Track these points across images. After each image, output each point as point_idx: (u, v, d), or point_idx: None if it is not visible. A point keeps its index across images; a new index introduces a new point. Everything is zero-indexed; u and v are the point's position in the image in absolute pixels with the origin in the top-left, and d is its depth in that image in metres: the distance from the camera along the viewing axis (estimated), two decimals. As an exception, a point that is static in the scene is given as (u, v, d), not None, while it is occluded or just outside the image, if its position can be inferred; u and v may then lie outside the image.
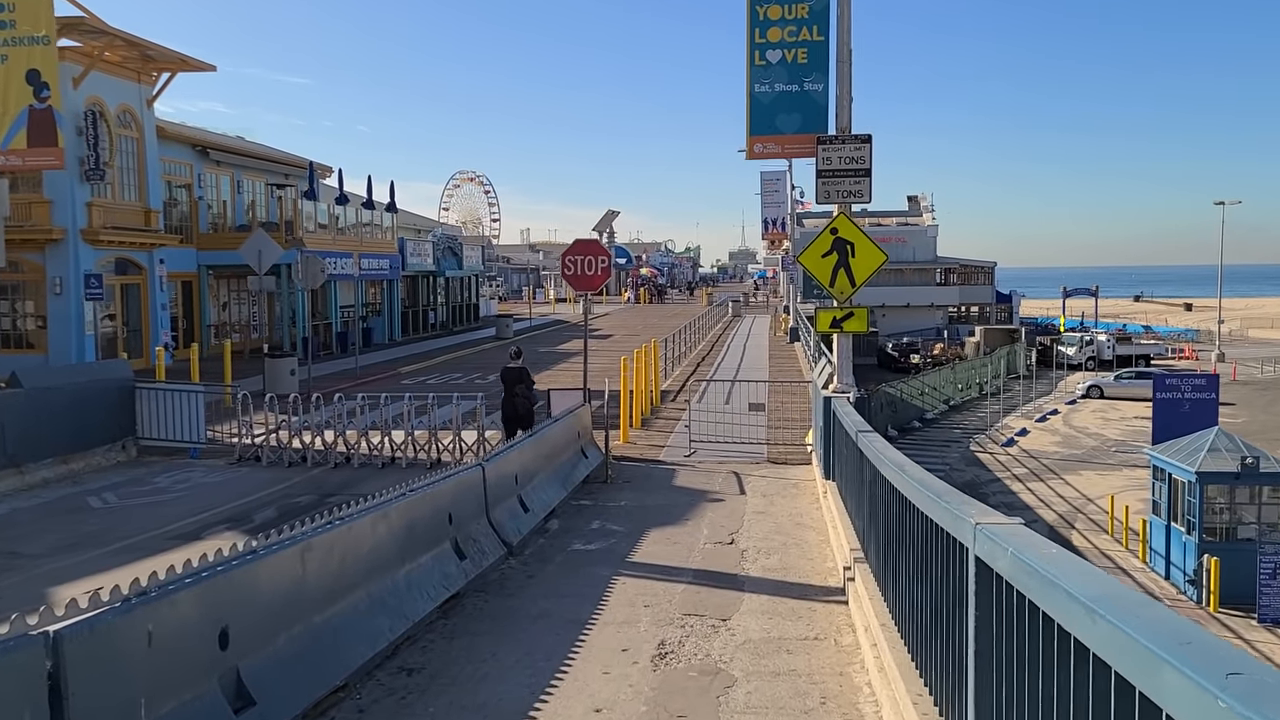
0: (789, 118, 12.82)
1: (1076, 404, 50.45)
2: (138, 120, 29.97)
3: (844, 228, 12.43)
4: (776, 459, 15.99)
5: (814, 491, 13.44)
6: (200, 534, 11.21)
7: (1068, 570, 2.85)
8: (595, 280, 15.84)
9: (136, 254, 30.15)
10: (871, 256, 12.39)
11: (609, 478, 14.46)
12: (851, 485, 9.70)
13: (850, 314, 12.58)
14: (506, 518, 10.37)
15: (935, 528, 4.66)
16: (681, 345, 33.62)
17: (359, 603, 6.75)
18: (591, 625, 7.80)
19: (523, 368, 14.82)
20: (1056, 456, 36.39)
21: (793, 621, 7.89)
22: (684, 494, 13.45)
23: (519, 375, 14.63)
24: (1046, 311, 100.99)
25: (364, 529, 6.99)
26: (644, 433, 18.56)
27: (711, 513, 12.26)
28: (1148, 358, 67.98)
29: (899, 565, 6.16)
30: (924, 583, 5.09)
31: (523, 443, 11.78)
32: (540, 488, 12.04)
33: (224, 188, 36.48)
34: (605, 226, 15.88)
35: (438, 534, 8.47)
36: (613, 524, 11.69)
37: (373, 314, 42.39)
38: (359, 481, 14.33)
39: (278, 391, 23.19)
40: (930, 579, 4.85)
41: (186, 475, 15.08)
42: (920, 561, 5.15)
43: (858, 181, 12.51)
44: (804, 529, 11.36)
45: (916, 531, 5.30)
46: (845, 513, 10.35)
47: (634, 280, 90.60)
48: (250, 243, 23.88)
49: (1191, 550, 20.03)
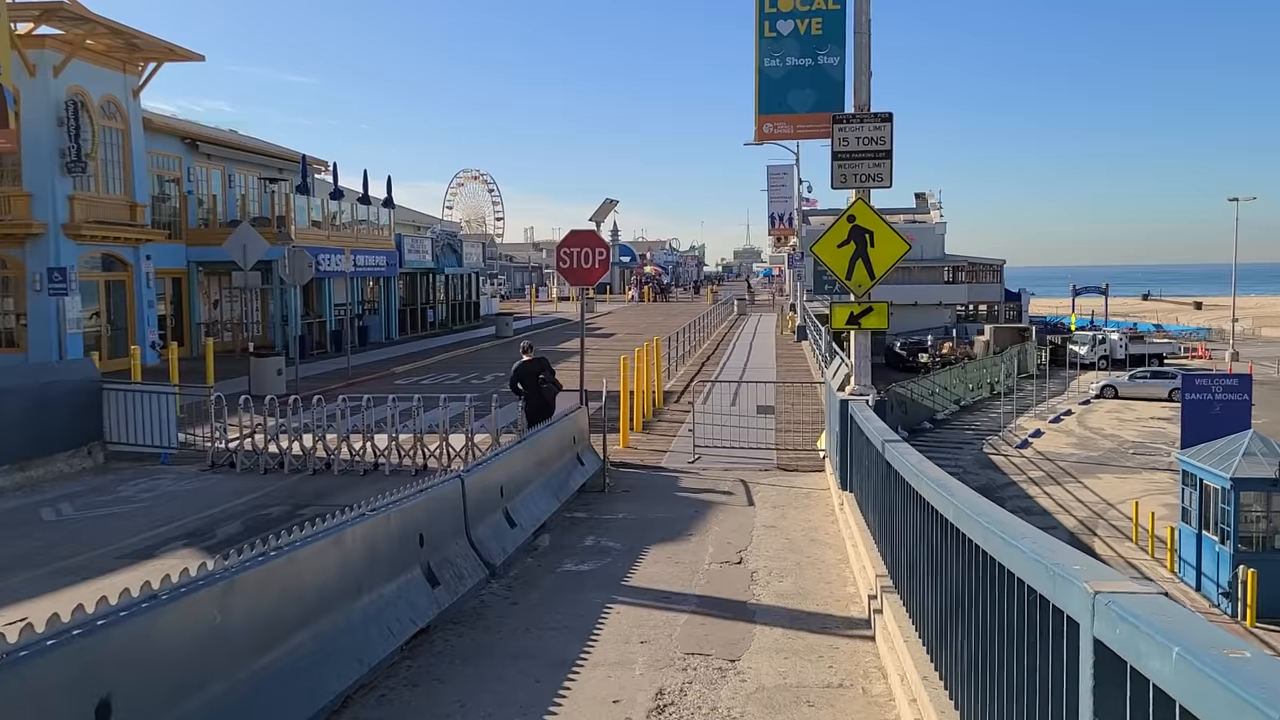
0: (802, 94, 11.74)
1: (1090, 404, 49.28)
2: (123, 111, 28.96)
3: (862, 215, 11.36)
4: (787, 466, 14.91)
5: (828, 502, 12.37)
6: (153, 552, 10.17)
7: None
8: (593, 274, 14.78)
9: (121, 249, 29.15)
10: (893, 246, 11.32)
11: (607, 486, 13.40)
12: (874, 500, 8.64)
13: (869, 309, 11.50)
14: (490, 535, 9.32)
15: (1009, 577, 3.60)
16: (685, 344, 32.56)
17: (300, 649, 5.69)
18: (579, 667, 6.74)
19: (542, 358, 14.69)
20: (1073, 459, 35.26)
21: (812, 662, 6.82)
22: (687, 505, 12.39)
23: (540, 366, 14.43)
24: (1056, 310, 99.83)
25: (309, 559, 5.94)
26: (645, 436, 17.50)
27: (717, 526, 11.20)
28: (1161, 357, 66.77)
29: (946, 608, 5.09)
30: (988, 641, 4.02)
31: (510, 450, 10.73)
32: (530, 499, 10.98)
33: (215, 182, 35.47)
34: (603, 216, 14.91)
35: (405, 559, 7.41)
36: (609, 540, 10.63)
37: (369, 312, 41.36)
38: (337, 490, 13.29)
39: (264, 392, 22.22)
40: (1001, 641, 3.78)
41: (154, 483, 14.04)
42: (983, 614, 4.08)
43: (877, 164, 11.44)
44: (820, 546, 10.29)
45: (976, 574, 4.23)
46: (866, 529, 9.29)
47: (638, 278, 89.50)
48: (235, 237, 22.89)
49: (1226, 561, 18.91)
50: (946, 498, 4.87)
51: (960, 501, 4.58)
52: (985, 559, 3.94)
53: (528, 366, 14.41)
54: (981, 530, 3.95)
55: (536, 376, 14.36)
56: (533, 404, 14.37)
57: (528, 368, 14.41)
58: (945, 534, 4.99)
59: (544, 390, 14.35)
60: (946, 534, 4.95)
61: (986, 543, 3.90)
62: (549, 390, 14.40)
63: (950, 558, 4.84)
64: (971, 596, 4.28)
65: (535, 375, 14.38)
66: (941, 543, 5.12)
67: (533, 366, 14.41)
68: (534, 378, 14.37)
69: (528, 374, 14.40)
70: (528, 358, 14.51)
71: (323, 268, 33.95)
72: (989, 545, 3.85)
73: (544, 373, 14.43)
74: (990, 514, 4.00)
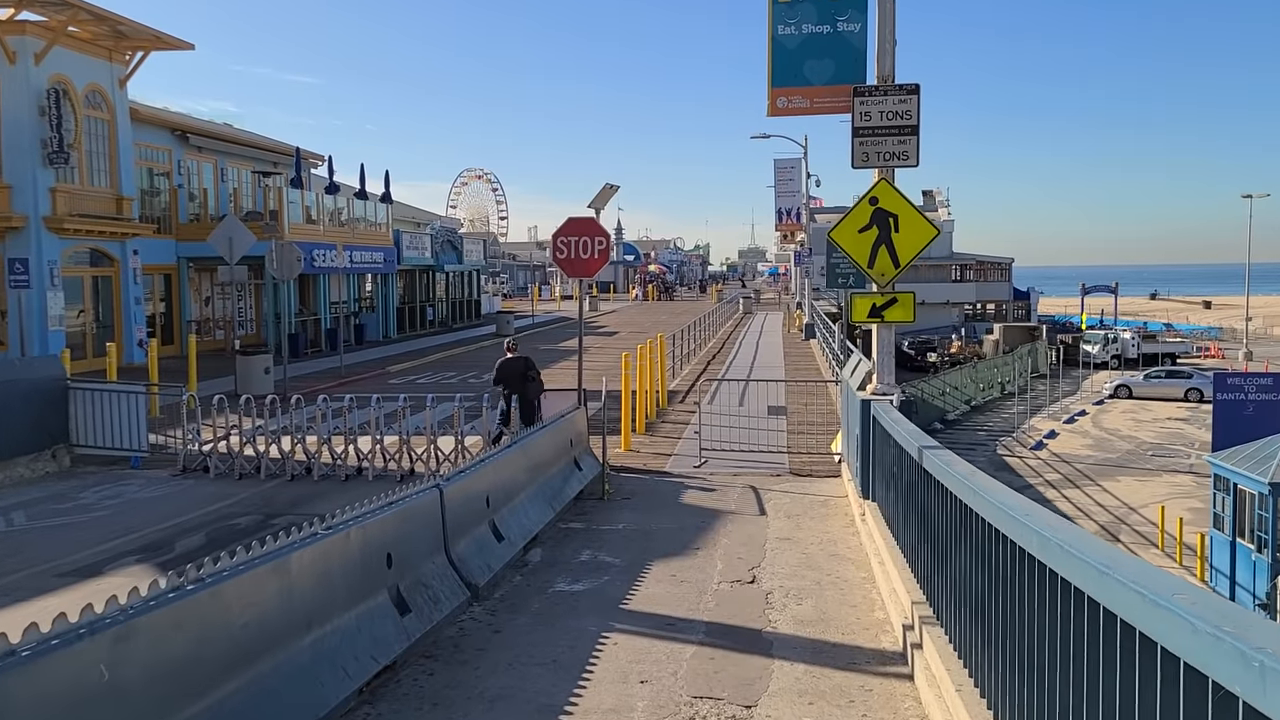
0: (819, 65, 10.71)
1: (1104, 404, 48.19)
2: (109, 101, 27.99)
3: (886, 197, 10.34)
4: (800, 470, 13.89)
5: (847, 512, 11.36)
6: (101, 569, 9.17)
7: None
8: (592, 264, 13.77)
9: (107, 244, 28.19)
10: (919, 231, 10.30)
11: (606, 493, 12.40)
12: (905, 513, 7.63)
13: (893, 300, 10.49)
14: (473, 552, 8.32)
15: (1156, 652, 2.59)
16: (691, 342, 31.56)
17: (229, 702, 4.69)
18: (568, 714, 5.74)
19: (526, 356, 14.58)
20: (1090, 461, 34.18)
21: (842, 708, 5.81)
22: (694, 514, 11.38)
23: (525, 364, 14.32)
24: (1065, 309, 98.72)
25: (242, 591, 4.94)
26: (648, 439, 16.49)
27: (727, 539, 10.19)
28: (1174, 356, 65.64)
29: (1020, 658, 4.08)
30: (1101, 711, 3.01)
31: (498, 455, 9.73)
32: (521, 509, 9.99)
33: (207, 175, 34.49)
34: (604, 203, 13.96)
35: (369, 583, 6.42)
36: (607, 555, 9.63)
37: (367, 310, 40.38)
38: (316, 497, 12.31)
39: (250, 392, 21.28)
40: None
41: (119, 489, 13.06)
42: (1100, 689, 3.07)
43: (902, 141, 10.42)
44: (841, 562, 9.28)
45: (1083, 630, 3.22)
46: (894, 544, 8.29)
47: (642, 277, 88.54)
48: (220, 230, 21.92)
49: (1263, 570, 17.85)
50: (1025, 524, 3.86)
51: (1048, 530, 3.57)
52: (1105, 617, 2.92)
53: (511, 364, 14.27)
54: (1097, 576, 2.93)
55: (521, 374, 14.20)
56: (519, 401, 14.13)
57: (511, 365, 14.26)
58: (1021, 568, 3.98)
59: (528, 388, 14.15)
60: (1024, 569, 3.94)
61: (1108, 594, 2.88)
62: (533, 388, 14.21)
63: (1031, 600, 3.83)
64: (1071, 656, 3.26)
65: (520, 373, 14.21)
66: (1014, 578, 4.11)
67: (517, 364, 14.26)
68: (518, 376, 14.20)
69: (511, 372, 14.22)
70: (511, 355, 14.39)
71: (317, 263, 33.00)
72: (1114, 599, 2.83)
73: (529, 370, 14.26)
74: (1109, 554, 2.99)
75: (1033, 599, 3.83)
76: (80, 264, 27.67)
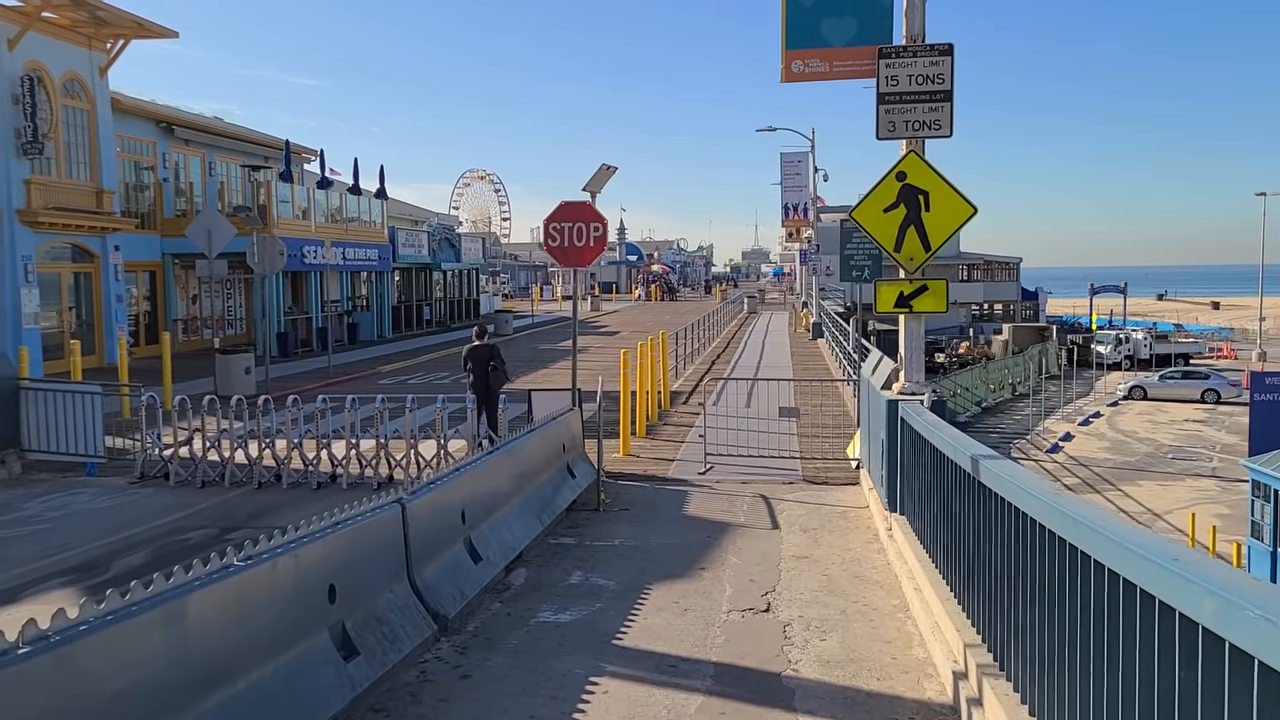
0: (839, 24, 9.55)
1: (1119, 405, 47.02)
2: (88, 90, 26.86)
3: (915, 171, 9.18)
4: (814, 478, 12.71)
5: (870, 525, 10.19)
6: (18, 595, 8.02)
7: None
8: (587, 253, 12.63)
9: (87, 239, 27.04)
10: (953, 209, 9.13)
11: (602, 503, 11.24)
12: (948, 531, 6.47)
13: (923, 288, 9.33)
14: (443, 577, 7.16)
15: None
16: (694, 341, 30.40)
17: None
18: (543, 794, 4.58)
19: (493, 345, 14.61)
20: (1108, 464, 32.99)
21: (886, 786, 4.64)
22: (698, 527, 10.21)
23: (491, 353, 14.33)
24: (1073, 310, 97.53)
25: (111, 651, 3.78)
26: (649, 442, 15.33)
27: (736, 557, 9.03)
28: (1187, 357, 64.46)
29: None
30: None
31: (478, 463, 8.58)
32: (504, 523, 8.84)
33: (194, 169, 33.37)
34: (600, 185, 12.67)
35: (304, 623, 5.26)
36: (600, 576, 8.47)
37: (361, 308, 39.25)
38: (282, 508, 11.17)
39: (230, 393, 20.19)
40: None
41: (68, 499, 11.92)
42: None
43: (934, 108, 9.26)
44: (867, 586, 8.11)
45: None
46: (931, 568, 7.13)
47: (645, 277, 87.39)
48: (198, 222, 20.82)
49: (1309, 584, 16.65)
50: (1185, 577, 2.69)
51: (1235, 591, 2.40)
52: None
53: (479, 351, 14.33)
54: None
55: (486, 362, 14.20)
56: (479, 389, 14.12)
57: (479, 352, 14.31)
58: (1172, 639, 2.82)
59: (491, 377, 14.12)
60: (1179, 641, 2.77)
61: None
62: (496, 378, 14.19)
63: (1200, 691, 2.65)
64: None
65: (485, 361, 14.21)
66: (1157, 648, 2.94)
67: (483, 352, 14.31)
68: (483, 363, 14.20)
69: (478, 359, 14.26)
70: (479, 342, 14.45)
71: (307, 260, 31.90)
72: None
73: (494, 359, 14.30)
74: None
75: (1204, 689, 2.66)
76: (59, 260, 26.53)
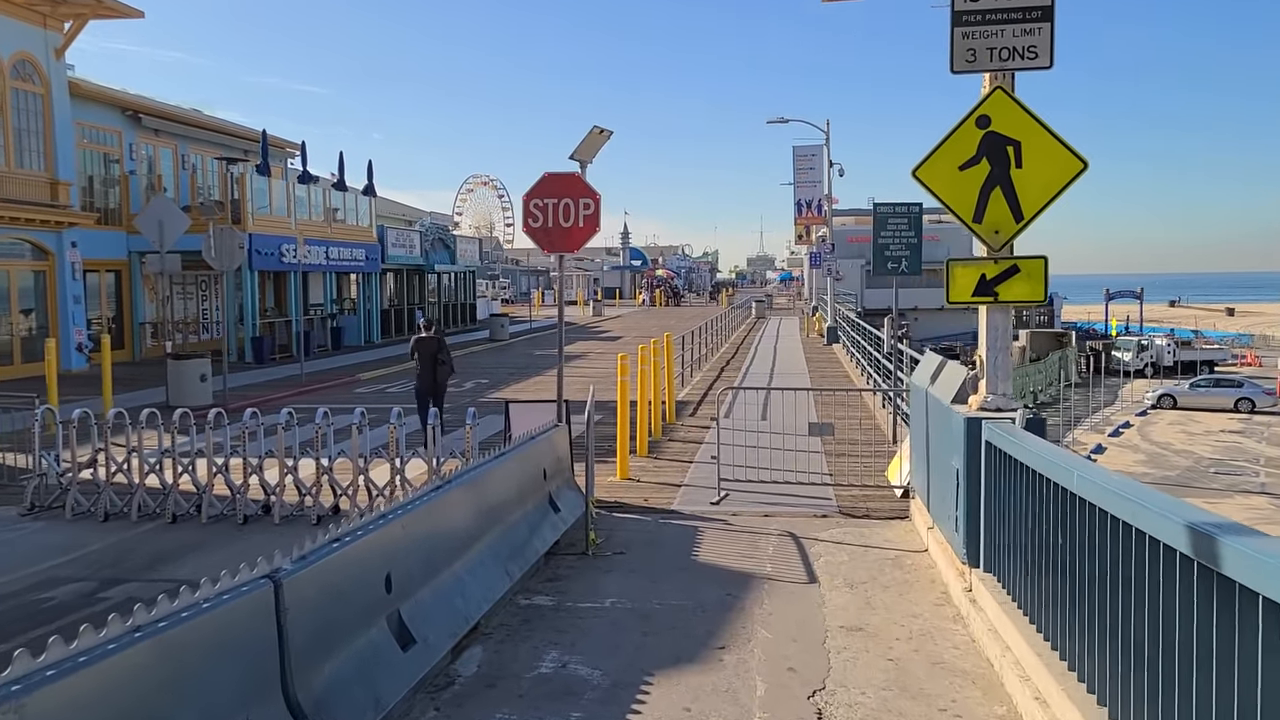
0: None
1: (1148, 415, 44.68)
2: (42, 73, 24.70)
3: (1002, 114, 6.92)
4: (852, 509, 10.42)
5: (934, 577, 7.91)
6: None
7: None
8: (575, 235, 10.36)
9: (40, 234, 24.85)
10: (1055, 163, 6.87)
11: (592, 544, 8.97)
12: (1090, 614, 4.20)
13: (1013, 269, 7.07)
14: (345, 681, 4.87)
15: None
16: (702, 346, 28.14)
17: None
18: None
19: (440, 338, 14.57)
20: (1148, 479, 30.57)
21: None
22: (713, 580, 7.93)
23: (438, 345, 14.32)
24: (1087, 316, 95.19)
25: None
26: (652, 462, 13.06)
27: (765, 629, 6.75)
28: (1212, 364, 62.08)
29: None
30: None
31: (417, 503, 6.27)
32: (456, 584, 6.55)
33: (165, 161, 31.19)
34: (590, 153, 10.41)
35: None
36: (582, 660, 6.20)
37: (347, 312, 37.02)
38: (192, 549, 8.94)
39: (182, 403, 18.00)
40: None
41: (-66, 536, 9.68)
42: None
43: (1028, 30, 6.99)
44: (953, 679, 5.82)
45: None
46: (1053, 657, 4.87)
47: (649, 281, 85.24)
48: (149, 211, 18.68)
49: None
50: None
51: None
52: None
53: (426, 344, 14.27)
54: None
55: (434, 355, 14.16)
56: (424, 382, 14.17)
57: (426, 345, 14.26)
58: None
59: (438, 370, 14.07)
60: None
61: None
62: (443, 371, 14.17)
63: None
64: None
65: (432, 354, 14.17)
66: None
67: (430, 345, 14.27)
68: (430, 356, 14.17)
69: (424, 351, 14.20)
70: (425, 334, 14.44)
71: (286, 259, 29.69)
72: None
73: (440, 352, 14.23)
74: None
75: None
76: (10, 257, 24.37)
